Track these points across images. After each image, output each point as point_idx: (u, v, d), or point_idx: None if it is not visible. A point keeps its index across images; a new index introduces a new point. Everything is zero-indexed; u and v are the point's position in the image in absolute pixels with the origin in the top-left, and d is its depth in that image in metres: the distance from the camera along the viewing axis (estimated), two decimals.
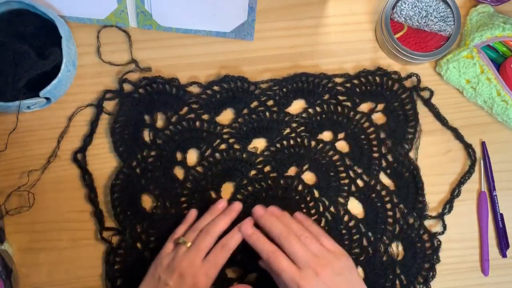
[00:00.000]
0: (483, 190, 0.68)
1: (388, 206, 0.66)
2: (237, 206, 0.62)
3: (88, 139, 0.65)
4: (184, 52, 0.69)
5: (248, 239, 0.58)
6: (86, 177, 0.65)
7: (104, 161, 0.66)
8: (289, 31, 0.69)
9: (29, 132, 0.66)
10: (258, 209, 0.60)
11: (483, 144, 0.69)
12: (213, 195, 0.65)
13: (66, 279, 0.64)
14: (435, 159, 0.68)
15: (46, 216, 0.65)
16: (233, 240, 0.59)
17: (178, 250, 0.58)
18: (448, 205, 0.67)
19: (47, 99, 0.64)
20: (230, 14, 0.68)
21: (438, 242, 0.66)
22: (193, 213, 0.63)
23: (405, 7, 0.67)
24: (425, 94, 0.69)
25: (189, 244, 0.58)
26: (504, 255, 0.67)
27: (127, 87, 0.67)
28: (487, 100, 0.67)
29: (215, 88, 0.67)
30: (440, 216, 0.67)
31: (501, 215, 0.68)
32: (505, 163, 0.69)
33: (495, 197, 0.68)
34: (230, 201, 0.65)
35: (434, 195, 0.68)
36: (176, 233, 0.61)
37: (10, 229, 0.64)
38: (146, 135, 0.66)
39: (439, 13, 0.67)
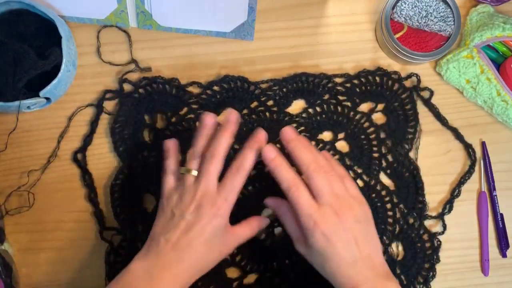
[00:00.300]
0: (483, 190, 0.68)
1: (388, 206, 0.66)
2: (234, 116, 0.54)
3: (88, 139, 0.65)
4: (184, 52, 0.69)
5: (269, 163, 0.52)
6: (86, 177, 0.65)
7: (104, 161, 0.66)
8: (289, 31, 0.69)
9: (29, 132, 0.66)
10: (289, 131, 0.53)
11: (483, 144, 0.69)
12: None
13: (66, 279, 0.64)
14: (435, 159, 0.68)
15: (46, 216, 0.65)
16: (247, 160, 0.53)
17: (185, 182, 0.52)
18: (448, 205, 0.67)
19: (47, 99, 0.64)
20: (230, 14, 0.68)
21: (438, 242, 0.66)
22: (172, 143, 0.56)
23: (405, 7, 0.67)
24: (425, 94, 0.69)
25: (195, 172, 0.52)
26: (504, 255, 0.67)
27: (127, 87, 0.67)
28: (487, 100, 0.67)
29: (215, 88, 0.67)
30: (440, 216, 0.67)
31: (501, 215, 0.68)
32: (505, 163, 0.69)
33: (495, 197, 0.68)
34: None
35: (434, 195, 0.68)
36: (169, 166, 0.55)
37: (10, 229, 0.64)
38: (146, 135, 0.66)
39: (439, 13, 0.67)
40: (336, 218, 0.50)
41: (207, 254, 0.52)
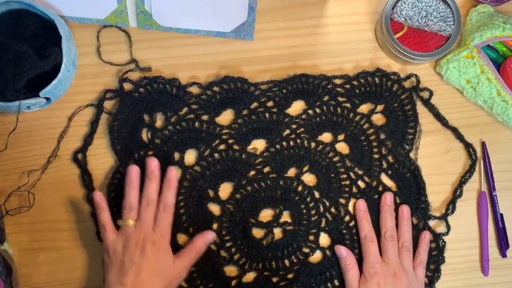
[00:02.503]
0: (483, 190, 0.68)
1: None
2: (153, 163, 0.61)
3: (88, 139, 0.65)
4: (184, 52, 0.69)
5: (358, 212, 0.65)
6: (86, 177, 0.65)
7: (103, 161, 0.66)
8: (289, 31, 0.69)
9: (29, 132, 0.66)
10: (388, 196, 0.66)
11: (483, 144, 0.69)
12: (211, 194, 0.65)
13: (66, 279, 0.64)
14: (436, 159, 0.68)
15: (46, 216, 0.65)
16: (170, 197, 0.61)
17: (126, 231, 0.59)
18: (451, 205, 0.67)
19: (47, 99, 0.64)
20: (230, 14, 0.68)
21: (443, 243, 0.66)
22: (99, 196, 0.60)
23: (405, 7, 0.67)
24: (425, 95, 0.69)
25: (132, 222, 0.59)
26: (504, 255, 0.67)
27: (127, 86, 0.67)
28: (487, 100, 0.67)
29: (215, 89, 0.67)
30: (444, 217, 0.66)
31: (501, 215, 0.68)
32: (505, 163, 0.69)
33: (495, 197, 0.68)
34: (228, 201, 0.65)
35: (435, 195, 0.67)
36: (105, 221, 0.59)
37: (10, 229, 0.64)
38: (144, 135, 0.66)
39: (439, 13, 0.67)
40: (393, 277, 0.61)
41: (160, 285, 0.57)
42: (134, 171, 0.61)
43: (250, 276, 0.64)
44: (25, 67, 0.61)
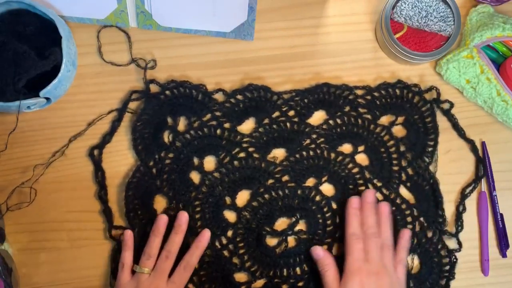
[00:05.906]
0: (483, 190, 0.68)
1: (409, 219, 0.65)
2: (183, 218, 0.63)
3: (108, 137, 0.65)
4: (184, 52, 0.69)
5: (349, 209, 0.63)
6: (99, 174, 0.65)
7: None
8: (289, 31, 0.69)
9: (29, 132, 0.66)
10: (368, 194, 0.64)
11: (483, 144, 0.69)
12: (228, 201, 0.65)
13: (66, 279, 0.64)
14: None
15: (47, 216, 0.65)
16: (194, 258, 0.62)
17: (140, 278, 0.59)
18: (459, 221, 0.66)
19: (47, 99, 0.64)
20: (230, 14, 0.68)
21: (455, 259, 0.65)
22: (128, 235, 0.63)
23: (405, 7, 0.67)
24: (445, 106, 0.68)
25: (147, 271, 0.60)
26: (504, 255, 0.67)
27: (153, 88, 0.66)
28: (487, 100, 0.67)
29: (239, 97, 0.67)
30: (455, 235, 0.66)
31: (501, 215, 0.68)
32: (505, 163, 0.69)
33: (495, 197, 0.68)
34: (245, 208, 0.65)
35: None
36: (125, 260, 0.61)
37: (10, 229, 0.64)
38: (166, 137, 0.66)
39: (439, 13, 0.67)
40: (376, 276, 0.59)
41: None
42: (162, 220, 0.62)
43: (259, 283, 0.64)
44: (25, 67, 0.61)
